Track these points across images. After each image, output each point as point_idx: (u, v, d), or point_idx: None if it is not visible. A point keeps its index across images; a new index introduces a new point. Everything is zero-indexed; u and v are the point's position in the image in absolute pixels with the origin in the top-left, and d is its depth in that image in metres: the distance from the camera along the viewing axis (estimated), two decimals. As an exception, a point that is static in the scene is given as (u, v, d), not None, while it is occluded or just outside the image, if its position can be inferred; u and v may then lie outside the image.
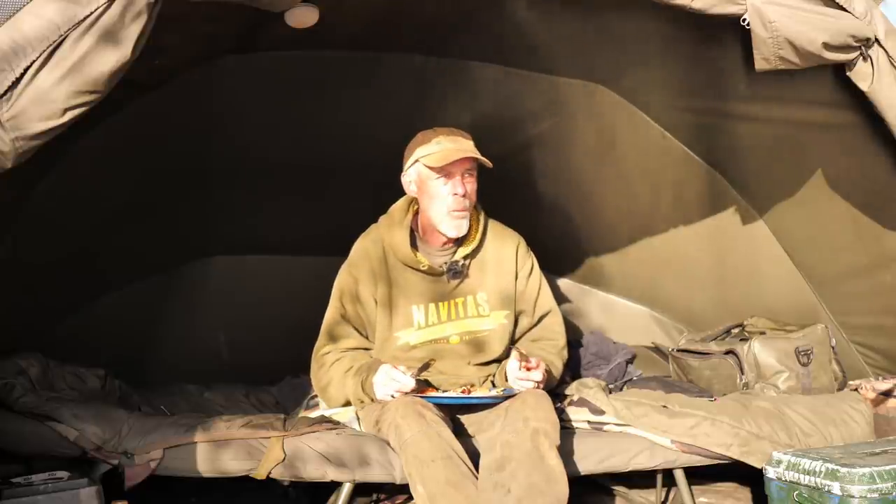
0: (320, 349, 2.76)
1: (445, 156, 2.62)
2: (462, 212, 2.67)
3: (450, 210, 2.66)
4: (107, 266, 3.39)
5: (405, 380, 2.52)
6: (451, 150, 2.64)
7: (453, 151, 2.63)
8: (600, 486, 3.09)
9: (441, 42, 3.08)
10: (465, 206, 2.67)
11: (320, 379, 2.75)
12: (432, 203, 2.68)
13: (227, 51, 2.85)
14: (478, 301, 2.77)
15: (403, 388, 2.52)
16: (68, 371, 2.95)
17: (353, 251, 2.80)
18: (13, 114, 1.93)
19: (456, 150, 2.64)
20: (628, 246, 3.71)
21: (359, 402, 2.66)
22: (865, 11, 2.29)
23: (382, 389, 2.56)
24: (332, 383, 2.71)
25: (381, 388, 2.56)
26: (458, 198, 2.65)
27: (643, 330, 3.87)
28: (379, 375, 2.56)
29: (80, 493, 2.30)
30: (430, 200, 2.68)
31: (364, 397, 2.63)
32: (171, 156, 3.19)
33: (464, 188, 2.65)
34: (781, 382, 2.89)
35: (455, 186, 2.65)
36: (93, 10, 1.94)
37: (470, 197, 2.69)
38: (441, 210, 2.67)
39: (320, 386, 2.76)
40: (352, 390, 2.66)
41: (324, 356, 2.74)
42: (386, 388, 2.55)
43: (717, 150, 3.12)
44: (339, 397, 2.71)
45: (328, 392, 2.74)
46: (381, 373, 2.56)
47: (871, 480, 2.21)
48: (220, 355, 3.85)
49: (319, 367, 2.75)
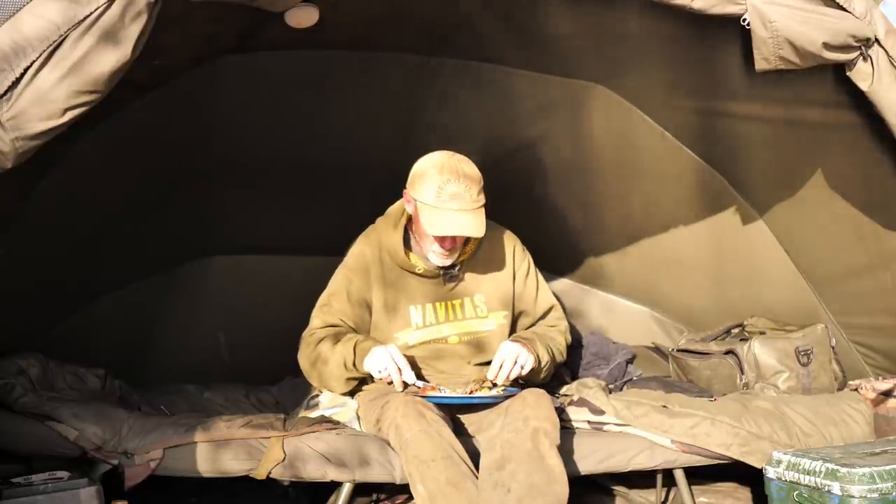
0: (306, 336, 2.75)
1: (437, 224, 2.55)
2: (448, 254, 2.66)
3: (435, 252, 2.66)
4: (106, 266, 3.39)
5: (406, 371, 2.51)
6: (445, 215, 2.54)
7: (447, 222, 2.54)
8: (600, 486, 3.10)
9: (441, 42, 3.08)
10: (453, 251, 2.66)
11: (309, 355, 2.70)
12: (421, 237, 2.68)
13: (227, 51, 2.85)
14: (475, 303, 2.77)
15: (395, 376, 2.51)
16: (68, 371, 2.95)
17: (350, 253, 2.80)
18: (13, 114, 1.93)
19: (451, 222, 2.54)
20: (628, 246, 3.72)
21: (342, 366, 2.61)
22: (865, 11, 2.29)
23: (378, 362, 2.52)
24: (323, 355, 2.66)
25: (377, 359, 2.53)
26: (443, 249, 2.64)
27: (643, 330, 3.87)
28: (382, 348, 2.54)
29: (80, 493, 2.30)
30: (420, 234, 2.67)
31: (350, 357, 2.59)
32: (171, 156, 3.19)
33: (452, 243, 2.63)
34: (781, 382, 2.89)
35: (444, 242, 2.62)
36: (93, 10, 1.94)
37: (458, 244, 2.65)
38: (427, 246, 2.67)
39: (310, 361, 2.71)
40: (341, 351, 2.61)
41: (310, 336, 2.73)
42: (381, 363, 2.52)
43: (717, 150, 3.12)
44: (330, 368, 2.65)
45: (320, 366, 2.68)
46: (387, 348, 2.54)
47: (871, 480, 2.21)
48: (219, 355, 3.84)
49: (307, 345, 2.73)
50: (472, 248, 2.75)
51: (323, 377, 2.72)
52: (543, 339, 2.74)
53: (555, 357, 2.76)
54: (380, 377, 2.56)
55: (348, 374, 2.64)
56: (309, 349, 2.71)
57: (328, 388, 2.76)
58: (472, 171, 2.61)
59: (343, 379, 2.67)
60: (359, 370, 2.60)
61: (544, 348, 2.70)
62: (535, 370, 2.65)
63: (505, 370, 2.57)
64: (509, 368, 2.57)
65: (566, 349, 2.87)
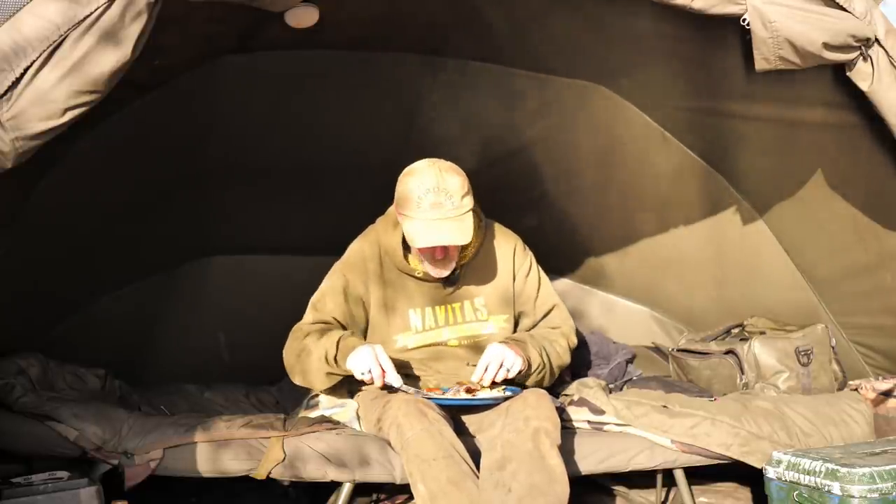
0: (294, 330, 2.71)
1: (418, 235, 2.51)
2: (442, 263, 2.62)
3: (429, 265, 2.64)
4: (106, 266, 3.39)
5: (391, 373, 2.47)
6: (426, 225, 2.50)
7: (429, 232, 2.50)
8: (600, 486, 3.10)
9: (441, 42, 3.08)
10: (447, 261, 2.62)
11: (294, 348, 2.65)
12: (414, 251, 2.65)
13: (227, 51, 2.85)
14: (475, 306, 2.76)
15: (377, 379, 2.45)
16: (68, 371, 2.95)
17: (349, 252, 2.79)
18: (13, 114, 1.93)
19: (432, 232, 2.50)
20: (628, 246, 3.72)
21: (323, 359, 2.54)
22: (865, 11, 2.29)
23: (361, 362, 2.46)
24: (305, 348, 2.61)
25: (361, 358, 2.46)
26: (435, 259, 2.61)
27: (643, 330, 3.87)
28: (367, 347, 2.48)
29: (80, 493, 2.31)
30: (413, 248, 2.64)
31: (332, 351, 2.52)
32: (171, 156, 3.19)
33: (443, 253, 2.59)
34: (781, 382, 2.89)
35: (434, 252, 2.59)
36: (93, 10, 1.94)
37: (451, 253, 2.61)
38: (419, 257, 2.65)
39: (295, 353, 2.64)
40: (324, 344, 2.55)
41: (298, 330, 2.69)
42: (364, 363, 2.45)
43: (717, 150, 3.12)
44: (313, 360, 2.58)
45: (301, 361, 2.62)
46: (373, 347, 2.48)
47: (871, 480, 2.21)
48: (219, 355, 3.84)
49: (294, 339, 2.67)
50: (471, 252, 2.73)
51: (304, 371, 2.64)
52: (538, 342, 2.68)
53: (550, 360, 2.69)
54: (362, 377, 2.50)
55: (328, 368, 2.56)
56: (296, 343, 2.66)
57: (309, 383, 2.68)
58: (455, 177, 2.55)
59: (322, 373, 2.58)
60: (340, 367, 2.53)
61: (538, 351, 2.64)
62: (525, 373, 2.61)
63: (490, 373, 2.53)
64: (494, 371, 2.53)
65: (570, 350, 2.82)
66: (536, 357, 2.63)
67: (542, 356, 2.66)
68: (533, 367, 2.62)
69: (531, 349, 2.63)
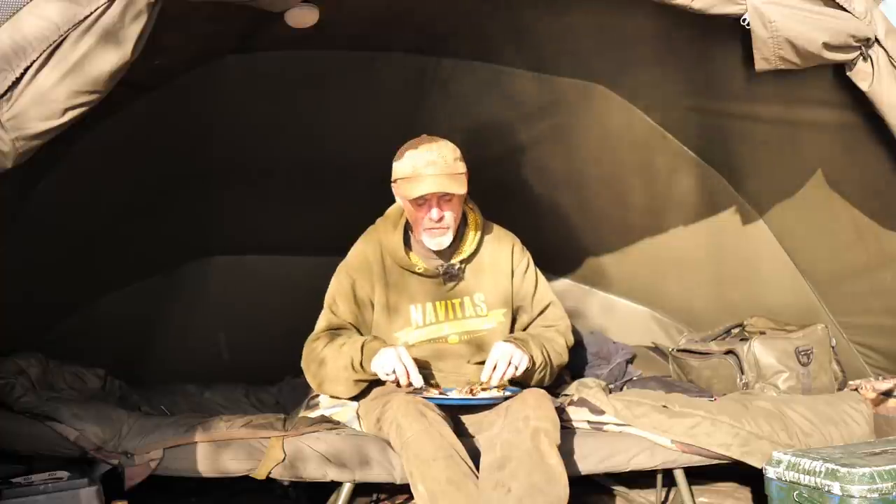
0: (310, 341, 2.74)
1: (415, 187, 2.58)
2: (439, 230, 2.65)
3: (426, 229, 2.66)
4: (107, 266, 3.39)
5: (414, 373, 2.50)
6: (422, 179, 2.57)
7: (424, 183, 2.57)
8: (600, 486, 3.09)
9: (441, 42, 3.08)
10: (443, 226, 2.65)
11: (314, 359, 2.68)
12: (412, 219, 2.69)
13: (227, 51, 2.85)
14: (475, 301, 2.77)
15: (402, 377, 2.49)
16: (68, 371, 2.95)
17: (351, 253, 2.80)
18: (13, 114, 1.94)
19: (427, 182, 2.57)
20: (628, 246, 3.71)
21: (350, 366, 2.59)
22: (865, 11, 2.29)
23: (386, 363, 2.50)
24: (328, 358, 2.64)
25: (385, 359, 2.51)
26: (432, 221, 2.63)
27: (643, 330, 3.87)
28: (391, 349, 2.53)
29: (80, 493, 2.31)
30: (410, 216, 2.69)
31: (357, 357, 2.57)
32: (171, 156, 3.19)
33: (439, 213, 2.62)
34: (781, 382, 2.89)
35: (430, 211, 2.62)
36: (93, 10, 1.94)
37: (448, 218, 2.64)
38: (419, 227, 2.68)
39: (315, 364, 2.68)
40: (348, 351, 2.60)
41: (314, 342, 2.72)
42: (389, 364, 2.50)
43: (717, 150, 3.12)
44: (335, 370, 2.63)
45: (324, 369, 2.66)
46: (396, 349, 2.53)
47: (871, 480, 2.21)
48: (220, 355, 3.85)
49: (311, 350, 2.71)
50: (471, 248, 2.75)
51: (329, 380, 2.68)
52: (538, 340, 2.71)
53: (551, 358, 2.72)
54: (387, 378, 2.54)
55: (356, 375, 2.61)
56: (314, 353, 2.70)
57: (334, 392, 2.72)
58: (447, 144, 2.65)
59: (350, 381, 2.64)
60: (366, 370, 2.57)
61: (538, 349, 2.67)
62: (529, 371, 2.63)
63: (499, 371, 2.55)
64: (503, 369, 2.55)
65: (567, 349, 2.85)
66: (539, 355, 2.66)
67: (544, 353, 2.69)
68: (536, 365, 2.64)
69: (533, 347, 2.65)
